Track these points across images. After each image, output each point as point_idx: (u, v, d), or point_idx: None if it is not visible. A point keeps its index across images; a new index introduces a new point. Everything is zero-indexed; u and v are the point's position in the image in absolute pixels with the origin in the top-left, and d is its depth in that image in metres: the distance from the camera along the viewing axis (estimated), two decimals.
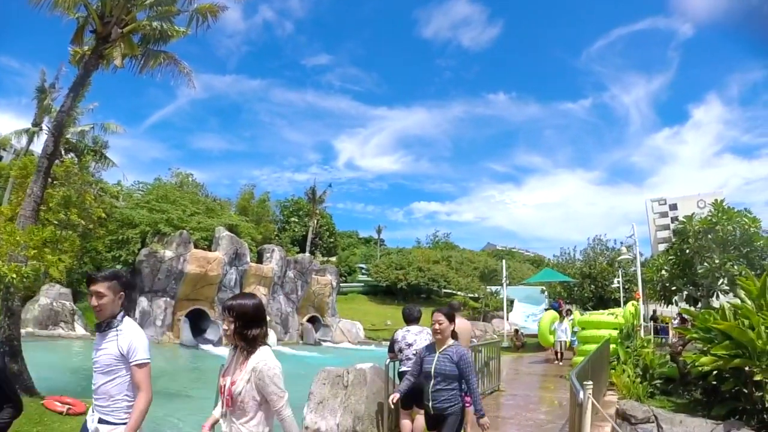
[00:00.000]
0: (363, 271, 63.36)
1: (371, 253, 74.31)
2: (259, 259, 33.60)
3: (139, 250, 27.72)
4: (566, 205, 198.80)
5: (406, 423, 6.45)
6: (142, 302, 27.01)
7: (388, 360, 6.85)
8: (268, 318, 23.99)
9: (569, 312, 21.48)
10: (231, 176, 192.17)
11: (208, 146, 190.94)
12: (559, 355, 16.99)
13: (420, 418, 6.44)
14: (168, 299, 27.60)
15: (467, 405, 7.25)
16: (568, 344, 17.48)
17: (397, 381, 6.74)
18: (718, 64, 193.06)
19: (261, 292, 31.67)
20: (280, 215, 57.02)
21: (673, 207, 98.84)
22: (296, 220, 56.03)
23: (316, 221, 54.80)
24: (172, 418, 11.41)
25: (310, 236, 52.89)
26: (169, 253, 27.65)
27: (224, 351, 26.18)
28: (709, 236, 16.96)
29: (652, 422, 7.60)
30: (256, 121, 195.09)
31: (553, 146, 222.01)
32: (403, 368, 6.46)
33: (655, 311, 27.74)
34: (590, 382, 4.92)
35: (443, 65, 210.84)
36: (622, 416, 8.08)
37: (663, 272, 19.73)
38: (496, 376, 11.55)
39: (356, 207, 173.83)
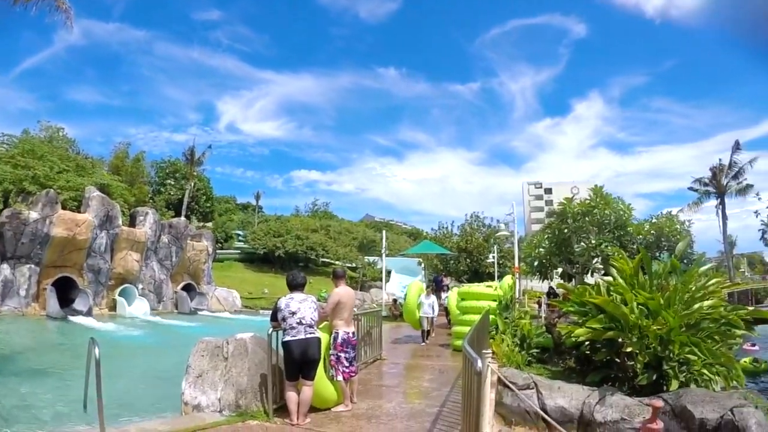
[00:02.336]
0: (240, 237, 62.60)
1: (249, 219, 74.27)
2: (132, 223, 32.16)
3: (0, 210, 25.46)
4: (445, 182, 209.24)
5: (291, 395, 6.40)
6: (4, 270, 24.87)
7: (271, 329, 6.71)
8: (140, 286, 22.67)
9: (447, 288, 22.45)
10: (105, 133, 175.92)
11: (83, 99, 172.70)
12: (425, 333, 15.27)
13: (307, 390, 6.43)
14: (33, 266, 25.64)
15: (352, 374, 7.39)
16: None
17: (280, 351, 6.65)
18: (604, 65, 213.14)
19: (133, 257, 30.10)
20: (155, 177, 55.77)
21: (548, 191, 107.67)
22: (172, 182, 55.01)
23: (193, 184, 53.86)
24: (36, 397, 10.66)
25: (186, 200, 52.19)
26: (34, 215, 25.57)
27: (95, 323, 24.73)
28: (587, 218, 18.76)
29: (532, 388, 8.22)
30: (136, 75, 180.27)
31: (437, 125, 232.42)
32: (287, 338, 6.40)
33: (551, 288, 30.09)
34: (489, 351, 5.13)
35: (337, 34, 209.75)
36: (503, 383, 8.65)
37: (541, 249, 21.50)
38: (378, 344, 11.88)
39: (235, 172, 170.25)
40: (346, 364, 7.15)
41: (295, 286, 6.79)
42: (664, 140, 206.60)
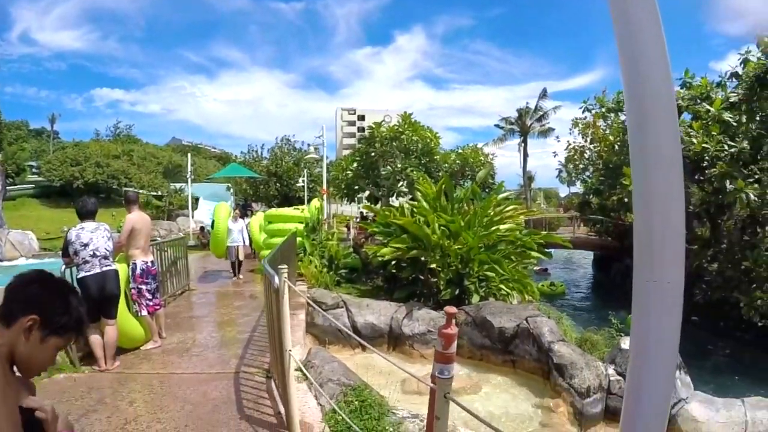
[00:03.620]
0: (33, 169, 54.68)
1: (43, 148, 65.84)
2: None
3: None
4: (258, 104, 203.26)
5: (95, 338, 5.89)
6: None
7: (63, 266, 6.00)
8: None
9: (251, 213, 21.82)
10: None
11: None
12: (235, 266, 13.51)
13: (111, 330, 5.98)
14: None
15: (157, 308, 6.94)
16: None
17: (77, 289, 5.94)
18: (432, 3, 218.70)
19: None
20: None
21: (362, 118, 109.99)
22: None
23: None
24: None
25: None
26: None
27: None
28: (395, 143, 19.63)
29: (342, 307, 8.56)
30: None
31: (254, 43, 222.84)
32: (82, 274, 5.83)
33: (363, 212, 30.72)
34: (285, 267, 5.07)
35: None
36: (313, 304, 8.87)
37: (348, 172, 22.14)
38: (185, 274, 11.37)
39: (27, 92, 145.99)
40: (149, 297, 6.78)
41: (85, 215, 6.17)
42: (479, 81, 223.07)
